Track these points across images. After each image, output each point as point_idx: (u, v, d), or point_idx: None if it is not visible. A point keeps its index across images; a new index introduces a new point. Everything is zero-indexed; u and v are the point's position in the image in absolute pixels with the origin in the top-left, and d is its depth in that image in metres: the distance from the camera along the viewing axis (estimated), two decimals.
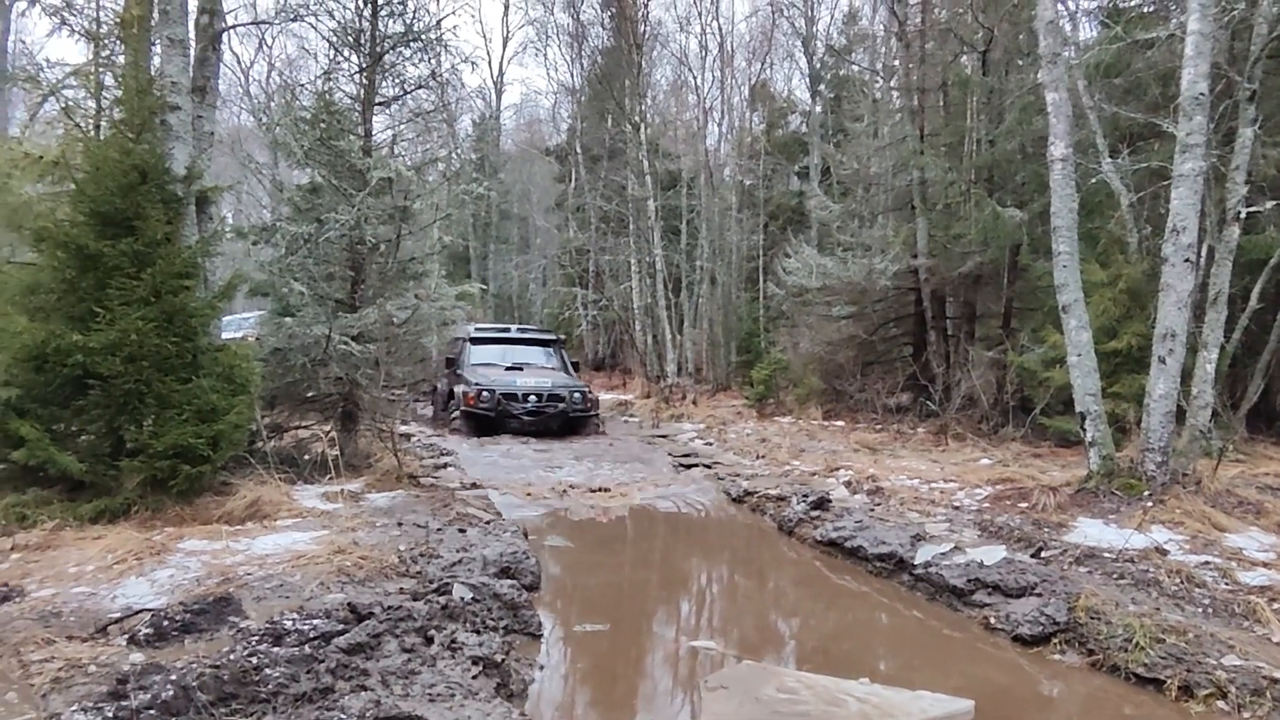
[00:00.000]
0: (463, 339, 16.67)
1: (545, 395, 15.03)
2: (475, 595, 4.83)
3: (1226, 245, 9.25)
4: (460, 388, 15.15)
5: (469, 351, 16.31)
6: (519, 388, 14.96)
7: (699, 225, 26.39)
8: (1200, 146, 7.63)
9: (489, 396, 14.62)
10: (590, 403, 15.62)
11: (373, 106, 10.08)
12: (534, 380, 15.22)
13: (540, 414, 14.90)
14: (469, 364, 15.94)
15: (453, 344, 16.90)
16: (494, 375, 15.38)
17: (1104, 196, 13.46)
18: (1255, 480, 10.04)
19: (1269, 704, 4.04)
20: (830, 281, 17.91)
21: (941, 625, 5.62)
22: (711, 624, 5.81)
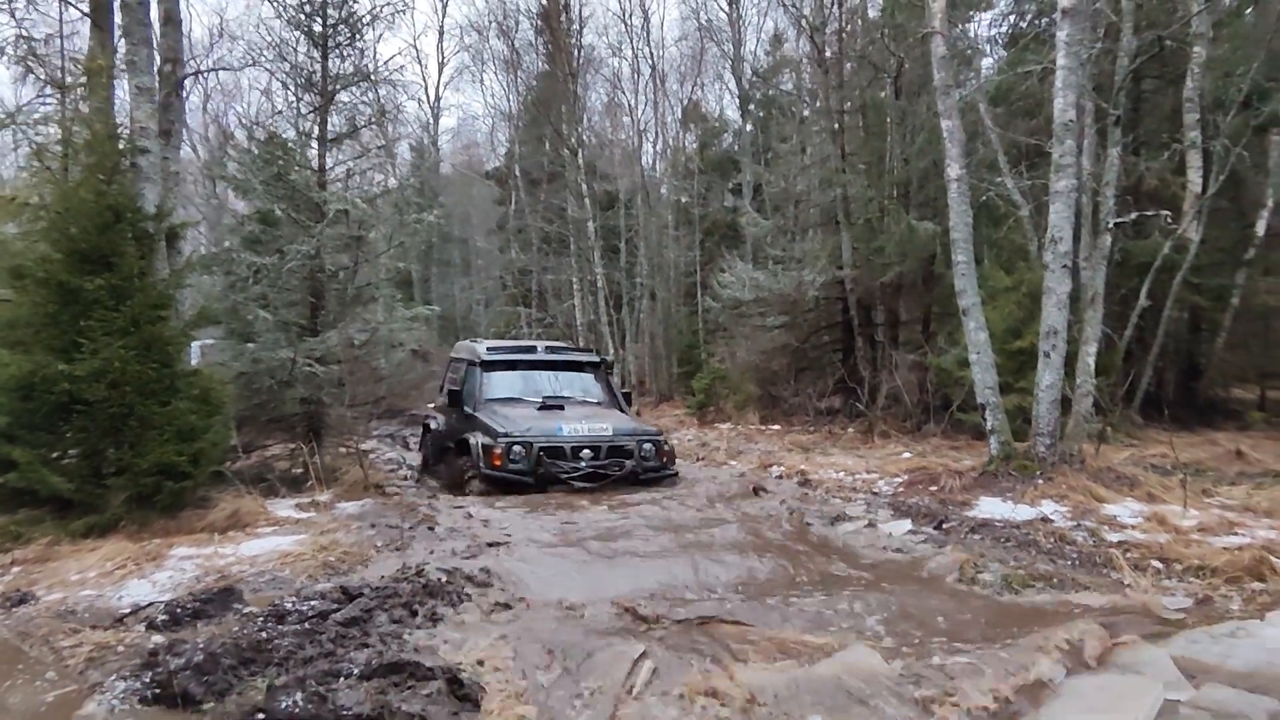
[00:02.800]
0: (466, 361, 11.53)
1: (605, 448, 9.79)
2: (448, 577, 5.54)
3: (1100, 252, 10.39)
4: (478, 438, 9.76)
5: (481, 381, 10.89)
6: (567, 439, 9.69)
7: (638, 243, 27.30)
8: (1072, 167, 8.71)
9: (522, 454, 9.44)
10: (667, 455, 10.39)
11: (326, 143, 10.72)
12: (587, 427, 9.87)
13: (600, 476, 9.58)
14: (484, 400, 10.61)
15: (452, 369, 12.26)
16: (526, 420, 9.95)
17: (1007, 208, 14.67)
18: (1144, 460, 11.21)
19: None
20: (763, 294, 18.93)
21: (857, 573, 6.37)
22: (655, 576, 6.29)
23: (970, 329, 9.46)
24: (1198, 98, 13.34)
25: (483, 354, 11.21)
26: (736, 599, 5.45)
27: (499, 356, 11.25)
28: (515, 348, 11.96)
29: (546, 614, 5.05)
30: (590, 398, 11.24)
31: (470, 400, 10.67)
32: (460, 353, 12.22)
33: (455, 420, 10.94)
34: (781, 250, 20.22)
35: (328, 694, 3.41)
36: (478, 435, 9.82)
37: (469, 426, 10.25)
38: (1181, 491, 8.09)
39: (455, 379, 11.65)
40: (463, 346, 12.43)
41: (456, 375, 11.71)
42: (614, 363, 12.84)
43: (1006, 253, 14.28)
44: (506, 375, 11.15)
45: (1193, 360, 16.40)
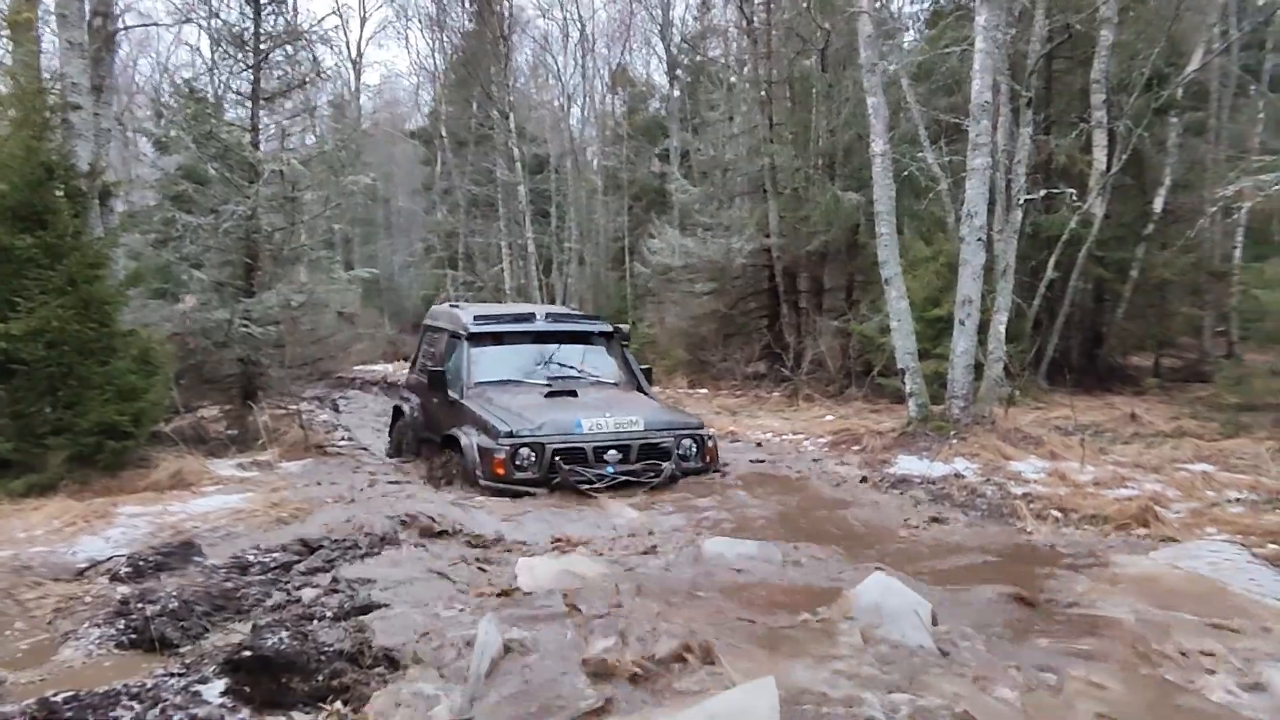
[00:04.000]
0: (448, 332, 9.31)
1: (636, 447, 7.67)
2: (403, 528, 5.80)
3: (1012, 226, 11.03)
4: (472, 437, 7.67)
5: (468, 358, 8.63)
6: (588, 437, 7.55)
7: (567, 208, 27.38)
8: (987, 145, 9.25)
9: (532, 458, 7.37)
10: (711, 453, 8.22)
11: (259, 101, 10.62)
12: (612, 421, 7.71)
13: (632, 483, 7.45)
14: (473, 384, 8.43)
15: (427, 340, 9.97)
16: (532, 411, 7.80)
17: (928, 182, 15.29)
18: (1048, 422, 11.99)
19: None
20: (692, 260, 19.32)
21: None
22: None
23: (892, 297, 9.98)
24: (1104, 80, 14.08)
25: (468, 324, 8.69)
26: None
27: (489, 327, 8.70)
28: (509, 315, 9.26)
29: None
30: (605, 377, 8.99)
31: (456, 384, 8.32)
32: (438, 320, 9.78)
33: (438, 408, 8.62)
34: (710, 217, 20.59)
35: (308, 633, 3.65)
36: (471, 433, 7.56)
37: (456, 418, 8.01)
38: (1081, 450, 8.77)
39: (433, 353, 9.42)
40: (441, 313, 9.97)
41: (434, 349, 9.44)
42: (629, 332, 9.78)
43: (926, 225, 14.91)
44: (499, 351, 8.65)
45: (1095, 329, 17.39)
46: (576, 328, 9.38)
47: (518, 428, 7.40)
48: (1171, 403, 14.46)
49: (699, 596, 4.30)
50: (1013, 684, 3.21)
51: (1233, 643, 3.71)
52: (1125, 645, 3.67)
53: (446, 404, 8.39)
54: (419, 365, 9.85)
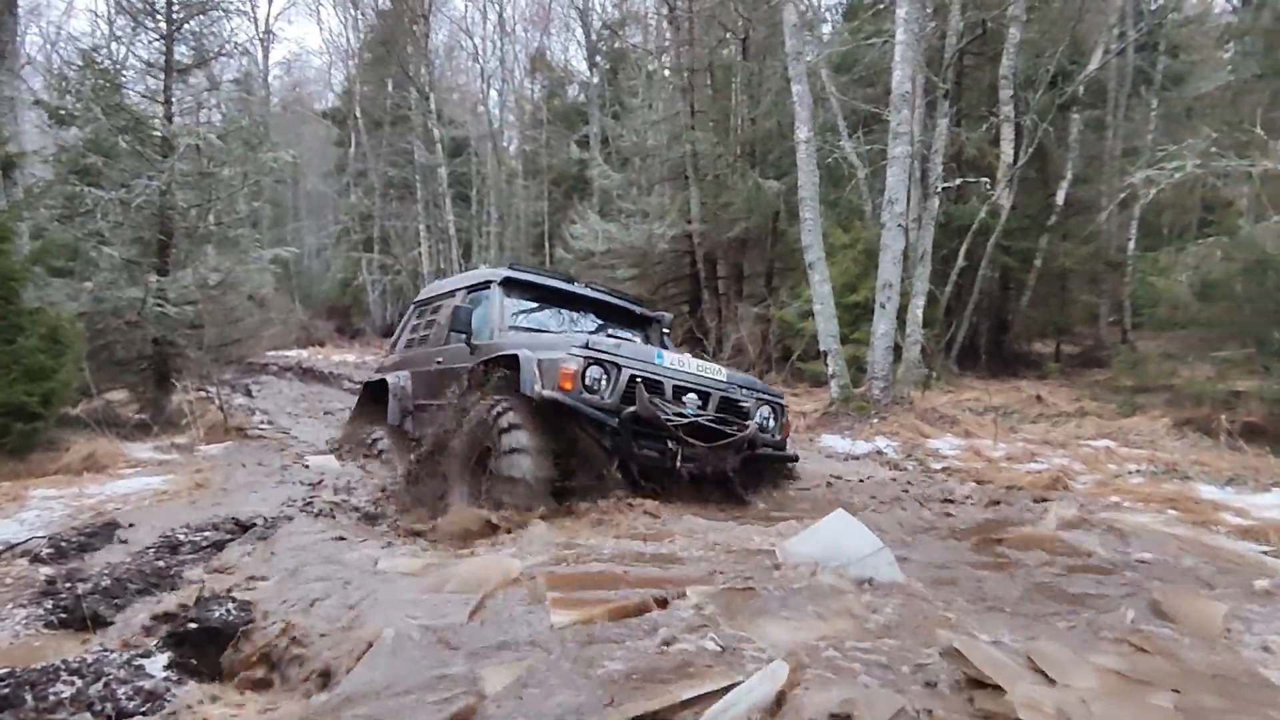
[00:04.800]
0: (464, 289, 7.90)
1: (717, 398, 6.37)
2: (336, 504, 5.72)
3: (929, 213, 11.42)
4: (530, 352, 6.05)
5: (500, 304, 7.30)
6: (668, 371, 6.27)
7: (486, 192, 27.09)
8: (907, 134, 9.55)
9: (603, 380, 5.97)
10: (787, 429, 6.98)
11: (172, 73, 10.23)
12: (693, 362, 6.51)
13: (715, 435, 6.14)
14: (506, 328, 7.08)
15: (421, 313, 8.60)
16: (600, 340, 6.40)
17: (847, 169, 15.68)
18: (961, 403, 12.48)
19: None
20: (614, 246, 19.38)
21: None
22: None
23: (815, 281, 10.22)
24: (1012, 76, 14.66)
25: (500, 271, 7.47)
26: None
27: (526, 275, 7.46)
28: (544, 272, 7.86)
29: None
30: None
31: (484, 330, 6.98)
32: (440, 289, 8.46)
33: (456, 359, 7.05)
34: (632, 203, 20.68)
35: (252, 604, 3.60)
36: (524, 352, 5.98)
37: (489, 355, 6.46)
38: (993, 428, 9.17)
39: (428, 327, 8.10)
40: (445, 281, 8.90)
41: (432, 320, 8.11)
42: (670, 320, 8.44)
43: (845, 213, 15.30)
44: (534, 305, 7.37)
45: (1002, 316, 18.13)
46: (620, 303, 7.82)
47: (593, 341, 5.94)
48: (1073, 386, 15.21)
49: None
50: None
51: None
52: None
53: (469, 351, 6.79)
54: (400, 344, 8.59)
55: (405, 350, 8.33)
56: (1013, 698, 2.54)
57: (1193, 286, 12.02)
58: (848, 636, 3.05)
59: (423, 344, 7.86)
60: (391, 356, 8.59)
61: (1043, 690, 2.65)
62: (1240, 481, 6.89)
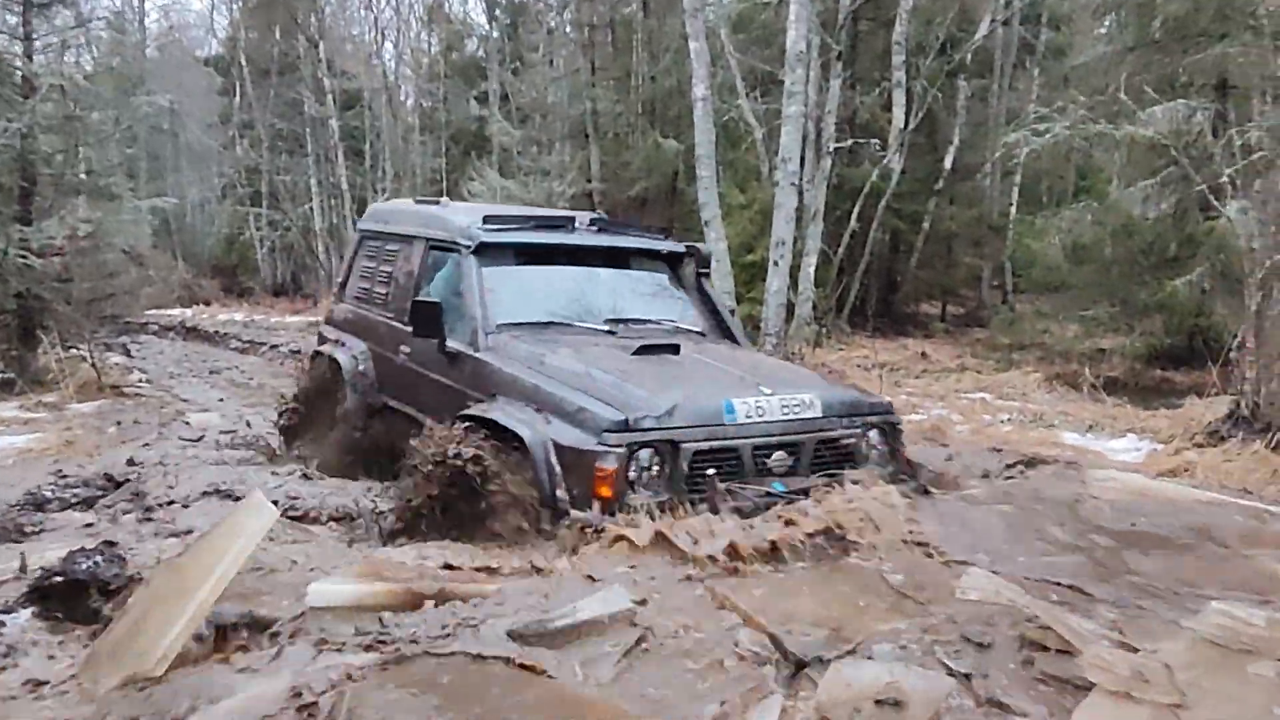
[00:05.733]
0: (425, 242, 5.52)
1: (810, 446, 4.28)
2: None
3: (821, 174, 11.69)
4: (541, 429, 4.05)
5: (479, 286, 4.93)
6: (745, 431, 4.09)
7: (381, 147, 26.33)
8: (802, 94, 9.71)
9: (657, 467, 3.95)
10: (904, 453, 4.71)
11: (32, 7, 9.57)
12: (776, 401, 4.21)
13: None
14: (493, 328, 4.77)
15: (374, 250, 6.18)
16: (644, 382, 4.18)
17: (744, 129, 15.83)
18: (849, 360, 12.89)
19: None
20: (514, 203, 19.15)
21: None
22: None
23: (711, 239, 10.35)
24: (904, 41, 15.02)
25: (473, 229, 5.09)
26: None
27: (508, 235, 5.17)
28: (531, 219, 5.57)
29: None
30: (686, 323, 5.44)
31: (460, 327, 4.81)
32: (396, 222, 6.05)
33: (423, 364, 5.09)
34: (531, 161, 20.45)
35: (128, 556, 3.49)
36: (527, 417, 4.16)
37: (474, 385, 4.62)
38: (879, 383, 9.52)
39: (387, 274, 5.81)
40: (401, 212, 6.27)
41: (390, 268, 5.81)
42: (709, 254, 6.41)
43: (742, 172, 15.48)
44: (526, 276, 5.29)
45: (892, 276, 18.72)
46: (636, 244, 5.70)
47: (636, 412, 3.90)
48: (956, 344, 15.89)
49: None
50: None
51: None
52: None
53: (446, 361, 4.80)
54: (352, 290, 6.21)
55: (359, 304, 6.03)
56: (1084, 660, 2.37)
57: (1065, 250, 12.67)
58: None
59: (381, 304, 5.71)
60: (341, 307, 6.28)
61: (1120, 654, 2.46)
62: (1099, 428, 7.40)
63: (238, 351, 16.65)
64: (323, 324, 6.62)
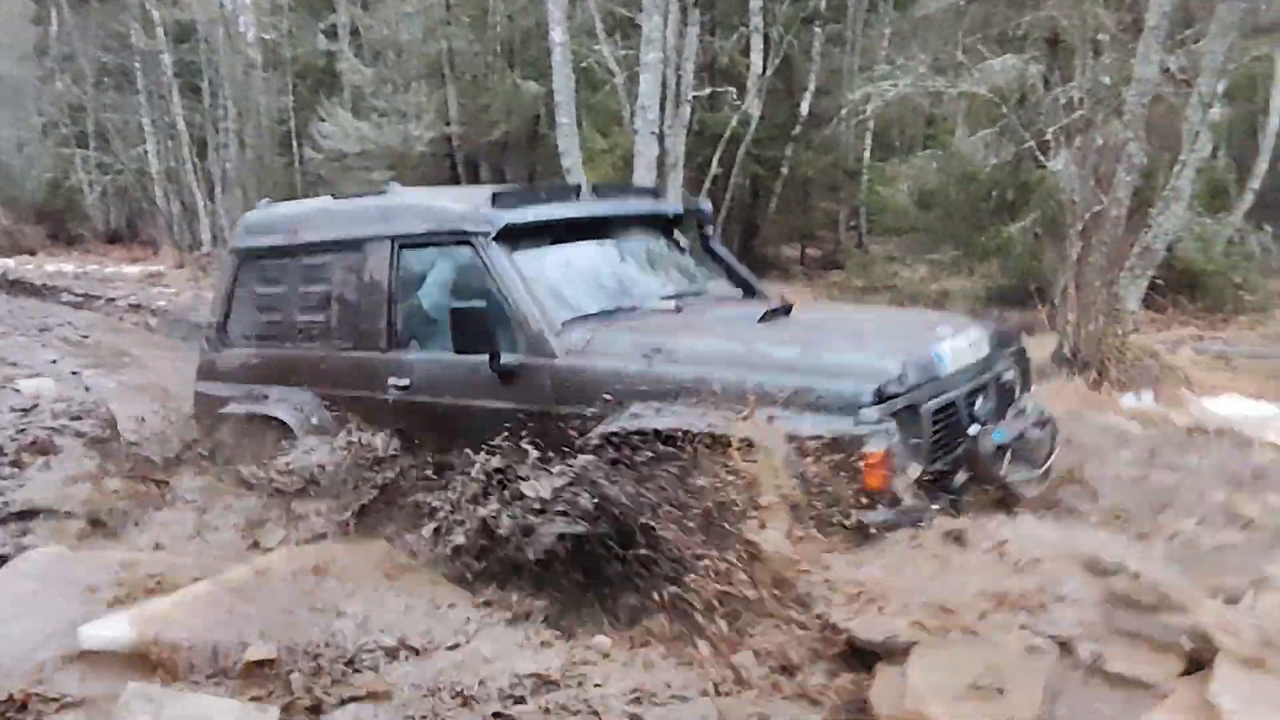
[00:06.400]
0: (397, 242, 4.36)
1: (994, 386, 3.94)
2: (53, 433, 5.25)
3: (681, 121, 11.75)
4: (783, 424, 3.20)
5: (515, 278, 3.98)
6: (958, 382, 3.67)
7: (220, 83, 24.70)
8: (660, 40, 9.70)
9: (912, 440, 3.30)
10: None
11: None
12: (964, 340, 3.84)
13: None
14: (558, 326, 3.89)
15: (279, 272, 4.86)
16: (844, 343, 3.75)
17: (604, 74, 15.66)
18: None
19: None
20: (369, 146, 18.42)
21: None
22: None
23: None
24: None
25: (487, 212, 4.18)
26: None
27: (533, 214, 4.32)
28: (539, 192, 5.05)
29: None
30: (718, 289, 4.94)
31: (504, 334, 3.90)
32: (317, 228, 4.80)
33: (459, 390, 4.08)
34: (385, 101, 19.63)
35: None
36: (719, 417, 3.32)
37: (562, 397, 3.77)
38: None
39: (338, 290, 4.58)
40: (313, 214, 4.99)
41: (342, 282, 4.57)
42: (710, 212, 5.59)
43: (603, 118, 15.37)
44: (558, 259, 4.40)
45: (752, 221, 19.09)
46: (644, 209, 5.05)
47: (878, 378, 3.30)
48: (814, 286, 16.44)
49: None
50: None
51: None
52: None
53: (497, 380, 3.87)
54: (243, 328, 5.03)
55: (268, 344, 4.87)
56: (1202, 620, 2.26)
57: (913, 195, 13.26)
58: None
59: (322, 336, 4.61)
60: (231, 353, 5.01)
61: (1242, 617, 2.34)
62: None
63: (70, 306, 15.56)
64: (200, 380, 5.17)
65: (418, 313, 4.38)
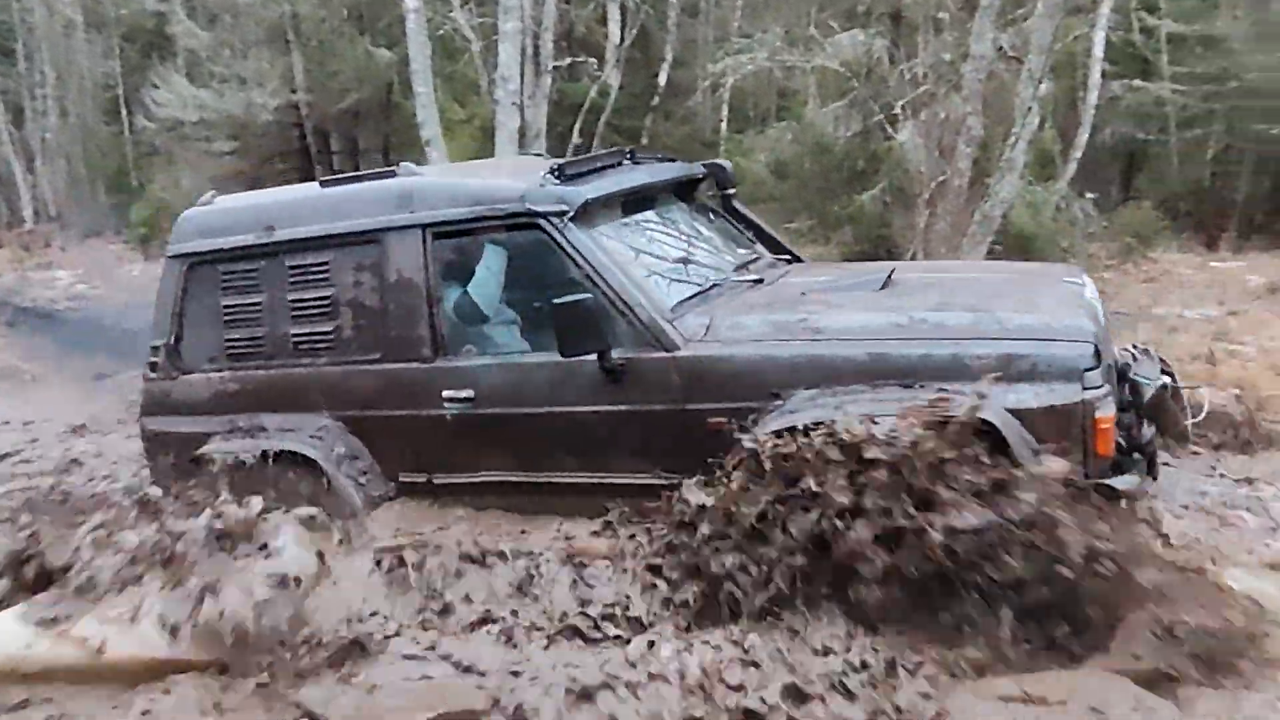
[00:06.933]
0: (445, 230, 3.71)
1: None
2: None
3: (542, 91, 11.67)
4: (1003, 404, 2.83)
5: (602, 258, 3.44)
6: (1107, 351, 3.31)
7: (37, 45, 22.74)
8: (518, 9, 9.58)
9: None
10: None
11: None
12: (1092, 300, 3.54)
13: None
14: (667, 313, 3.41)
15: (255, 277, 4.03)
16: (999, 308, 3.24)
17: (461, 41, 15.31)
18: None
19: None
20: (208, 115, 17.38)
21: None
22: None
23: (433, 159, 10.08)
24: None
25: (555, 188, 3.59)
26: None
27: (597, 188, 3.72)
28: (592, 163, 4.04)
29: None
30: (759, 252, 4.51)
31: (607, 324, 3.35)
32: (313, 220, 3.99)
33: (554, 395, 3.52)
34: (225, 67, 18.52)
35: None
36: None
37: (694, 394, 3.30)
38: None
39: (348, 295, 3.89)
40: (298, 204, 4.29)
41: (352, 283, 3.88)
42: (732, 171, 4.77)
43: (461, 87, 15.06)
44: (633, 237, 3.90)
45: None
46: (683, 173, 4.50)
47: (1088, 340, 3.01)
48: None
49: None
50: None
51: None
52: None
53: (603, 379, 3.40)
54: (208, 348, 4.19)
55: (251, 366, 4.08)
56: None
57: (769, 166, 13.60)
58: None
59: (328, 353, 3.92)
60: (196, 379, 4.17)
61: None
62: None
63: None
64: (150, 415, 4.28)
65: (469, 312, 3.77)
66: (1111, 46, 13.83)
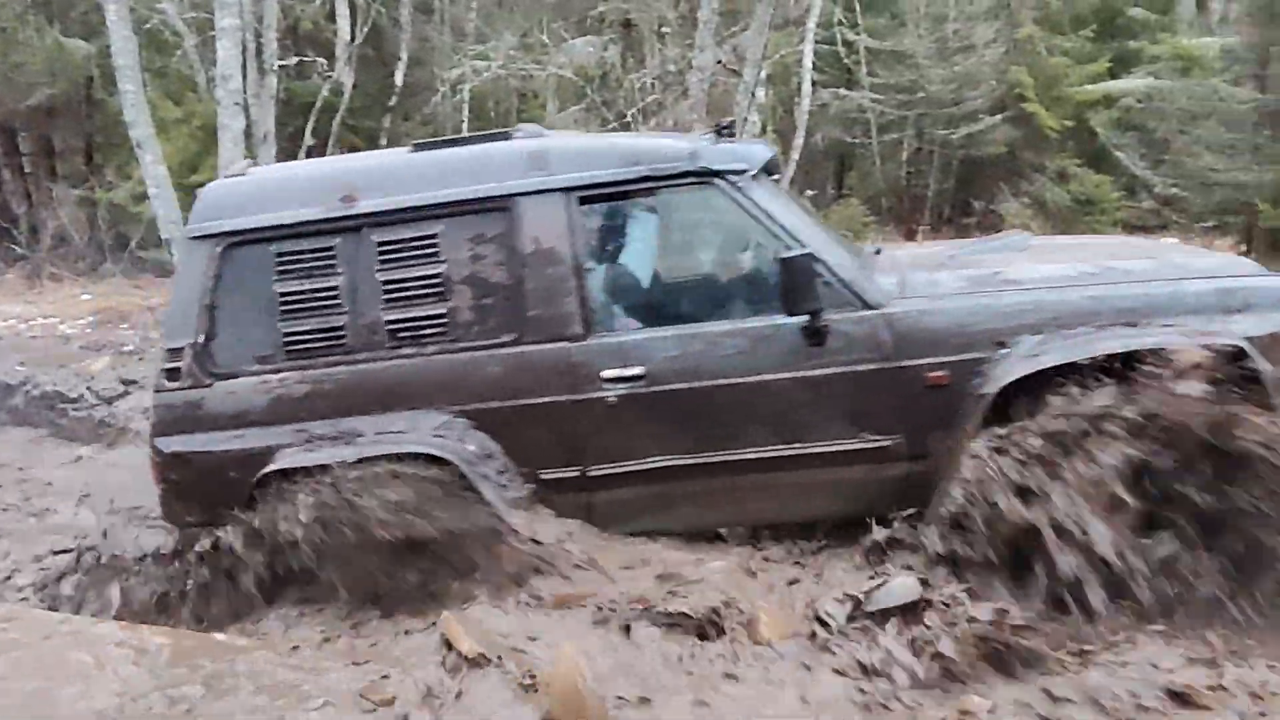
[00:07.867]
0: (594, 194, 3.36)
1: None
2: None
3: (267, 91, 11.12)
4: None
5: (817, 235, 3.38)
6: None
7: None
8: (235, 5, 9.06)
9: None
10: None
11: None
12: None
13: None
14: (850, 265, 3.36)
15: (330, 257, 3.40)
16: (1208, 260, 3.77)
17: (171, 35, 14.18)
18: None
19: None
20: None
21: None
22: None
23: (147, 162, 9.33)
24: None
25: (729, 148, 3.44)
26: None
27: (762, 150, 3.63)
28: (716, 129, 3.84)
29: None
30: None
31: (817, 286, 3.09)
32: (480, 177, 3.37)
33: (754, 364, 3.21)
34: None
35: None
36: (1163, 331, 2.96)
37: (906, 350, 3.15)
38: None
39: (471, 269, 3.36)
40: (401, 169, 3.58)
41: (482, 255, 3.37)
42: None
43: (175, 83, 13.95)
44: (787, 203, 3.69)
45: None
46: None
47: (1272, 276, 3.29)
48: None
49: None
50: None
51: None
52: None
53: (805, 342, 3.18)
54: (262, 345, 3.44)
55: (325, 363, 3.41)
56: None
57: None
58: None
59: (436, 339, 3.38)
60: (238, 385, 3.42)
61: None
62: None
63: None
64: (175, 435, 3.43)
65: (627, 284, 3.50)
66: (821, 58, 15.17)
